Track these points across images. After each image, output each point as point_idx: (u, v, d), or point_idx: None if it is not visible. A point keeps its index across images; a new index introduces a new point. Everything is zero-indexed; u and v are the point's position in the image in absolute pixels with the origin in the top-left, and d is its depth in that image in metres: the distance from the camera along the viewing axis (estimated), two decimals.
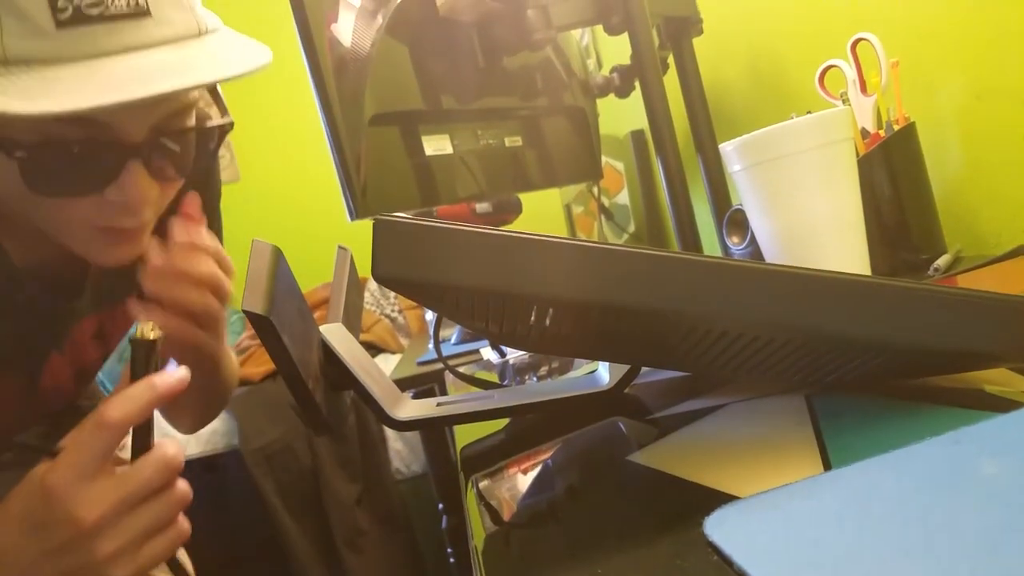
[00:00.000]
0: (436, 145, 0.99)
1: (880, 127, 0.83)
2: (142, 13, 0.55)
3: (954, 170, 0.88)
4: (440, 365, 0.92)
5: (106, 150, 0.57)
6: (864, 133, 0.84)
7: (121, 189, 0.59)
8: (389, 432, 2.09)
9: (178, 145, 0.62)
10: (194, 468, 1.92)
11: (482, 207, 1.34)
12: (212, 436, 2.00)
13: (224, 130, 0.67)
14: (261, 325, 0.45)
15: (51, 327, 0.75)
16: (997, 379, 0.44)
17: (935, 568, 0.26)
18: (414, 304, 2.64)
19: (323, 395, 0.54)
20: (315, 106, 0.87)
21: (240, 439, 1.96)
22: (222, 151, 0.73)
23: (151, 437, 0.52)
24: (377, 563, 1.96)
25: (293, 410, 1.99)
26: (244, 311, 0.45)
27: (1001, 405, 0.40)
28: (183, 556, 0.98)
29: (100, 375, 0.90)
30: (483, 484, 0.55)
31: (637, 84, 1.09)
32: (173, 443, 0.52)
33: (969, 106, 0.84)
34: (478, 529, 0.48)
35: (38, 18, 0.52)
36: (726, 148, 0.68)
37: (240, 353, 2.26)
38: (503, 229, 0.39)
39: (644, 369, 0.66)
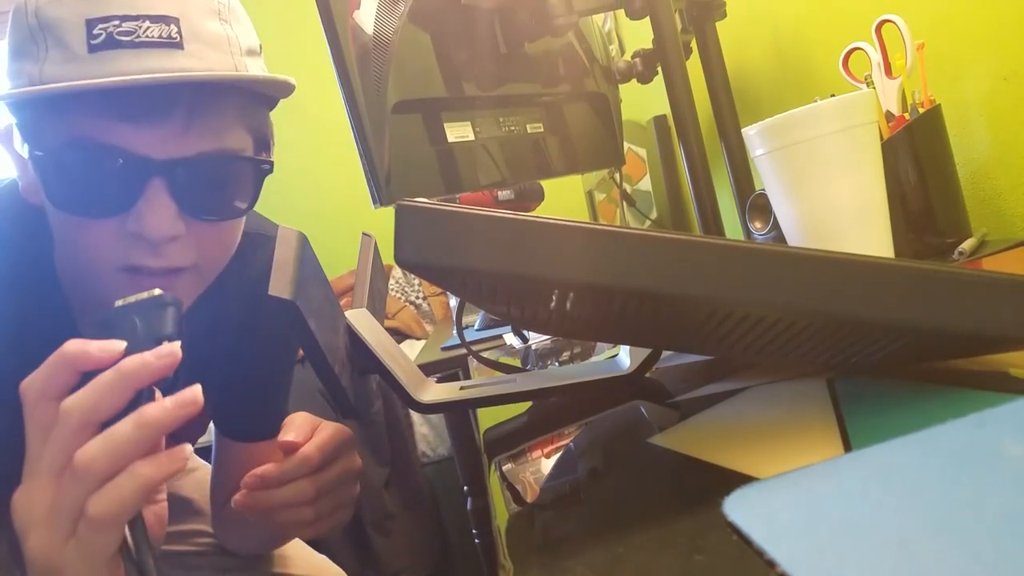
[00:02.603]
0: (458, 132, 0.99)
1: (905, 110, 0.82)
2: (173, 44, 0.57)
3: (980, 153, 0.87)
4: (464, 350, 0.93)
5: (127, 164, 0.56)
6: (889, 116, 0.83)
7: (139, 216, 0.57)
8: (416, 417, 2.11)
9: (204, 173, 0.59)
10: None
11: (504, 194, 1.34)
12: None
13: (261, 168, 0.64)
14: (287, 310, 0.46)
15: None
16: (1021, 361, 0.44)
17: (957, 550, 0.26)
18: (438, 291, 2.65)
19: (349, 380, 0.55)
20: (339, 94, 0.88)
21: None
22: None
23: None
24: (405, 545, 1.98)
25: (321, 395, 2.01)
26: (270, 296, 0.46)
27: None
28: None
29: None
30: (506, 467, 0.55)
31: (660, 69, 1.08)
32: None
33: (996, 88, 0.83)
34: (501, 510, 0.49)
35: (73, 44, 0.55)
36: (749, 132, 0.68)
37: None
38: (524, 214, 0.39)
39: (665, 353, 0.66)
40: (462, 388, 0.61)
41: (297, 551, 1.02)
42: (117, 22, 0.56)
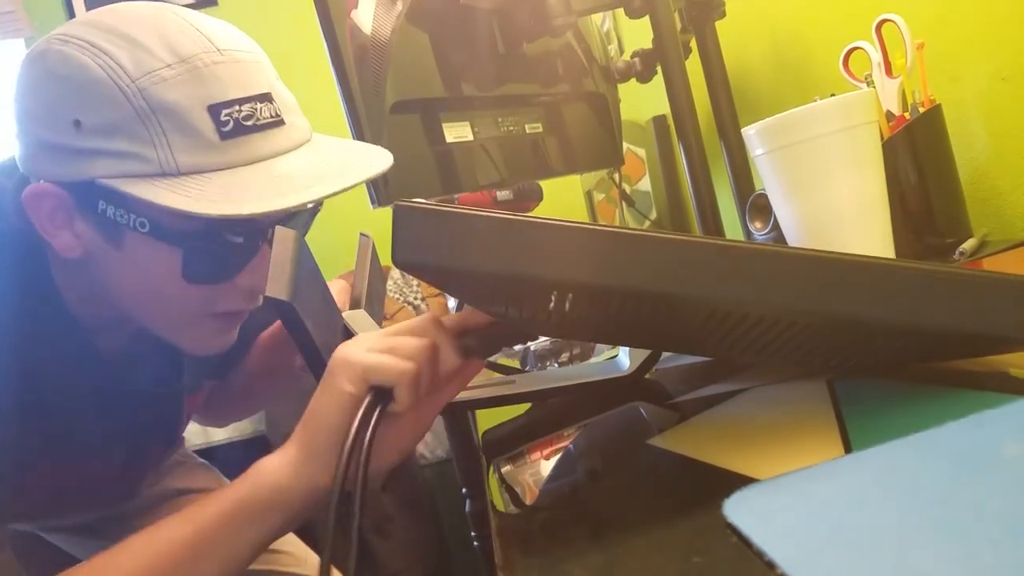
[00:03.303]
0: (457, 132, 0.99)
1: (905, 110, 0.82)
2: (280, 122, 0.62)
3: (980, 153, 0.86)
4: None
5: (256, 232, 0.64)
6: (889, 116, 0.83)
7: (253, 272, 0.65)
8: None
9: (297, 225, 0.68)
10: (220, 453, 1.95)
11: (503, 194, 1.34)
12: (239, 422, 2.02)
13: (316, 211, 0.72)
14: (284, 311, 0.46)
15: (161, 416, 0.80)
16: (1021, 362, 0.44)
17: (957, 550, 0.26)
18: (437, 292, 2.65)
19: None
20: (337, 94, 0.88)
21: (267, 425, 1.98)
22: None
23: None
24: (404, 547, 1.98)
25: None
26: (267, 297, 0.46)
27: None
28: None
29: None
30: (505, 468, 0.55)
31: (659, 69, 1.08)
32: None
33: (995, 88, 0.83)
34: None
35: (204, 131, 0.58)
36: (748, 132, 0.68)
37: None
38: (522, 214, 0.39)
39: (665, 354, 0.66)
40: None
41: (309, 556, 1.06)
42: (237, 107, 0.59)
